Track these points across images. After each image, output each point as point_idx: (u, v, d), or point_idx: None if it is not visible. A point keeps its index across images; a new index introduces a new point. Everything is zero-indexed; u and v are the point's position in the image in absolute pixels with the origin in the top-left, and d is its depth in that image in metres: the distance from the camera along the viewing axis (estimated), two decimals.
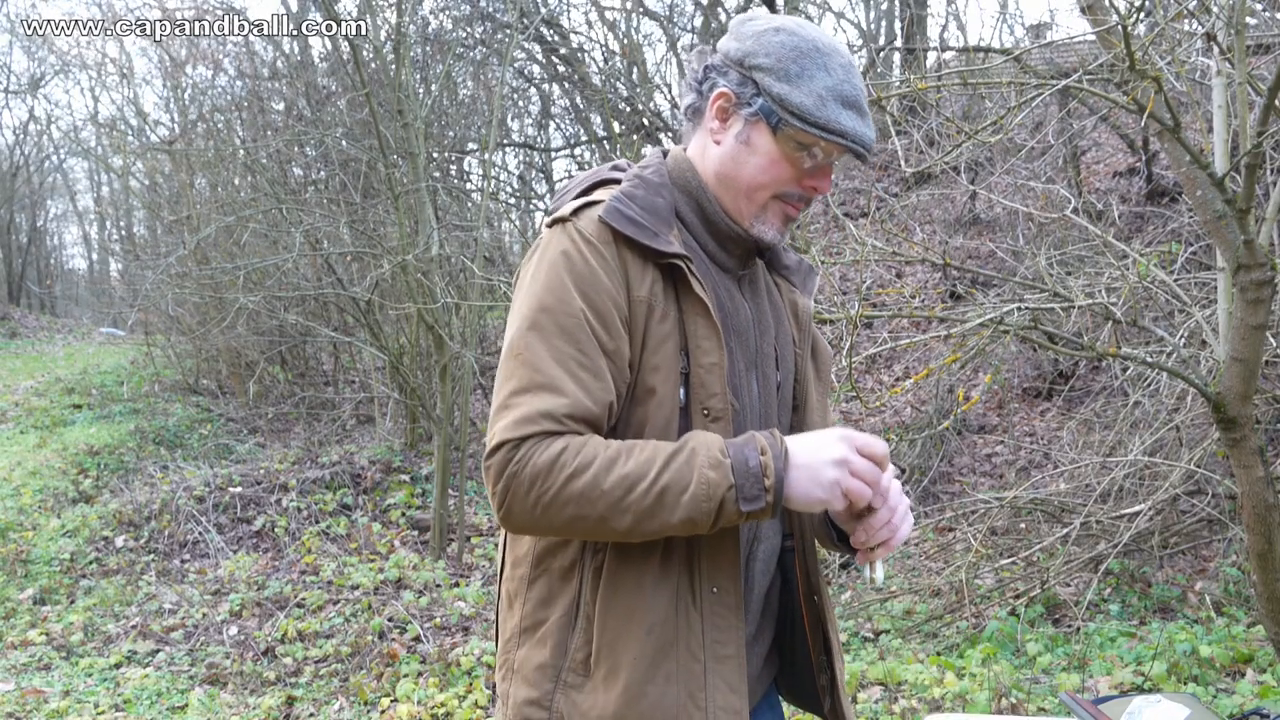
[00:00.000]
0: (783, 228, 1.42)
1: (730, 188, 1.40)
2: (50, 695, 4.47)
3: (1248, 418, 2.99)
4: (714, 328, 1.34)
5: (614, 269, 1.31)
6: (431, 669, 4.54)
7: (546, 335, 1.28)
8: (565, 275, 1.30)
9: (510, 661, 1.39)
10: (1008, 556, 5.01)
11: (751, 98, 1.36)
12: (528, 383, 1.27)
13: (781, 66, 1.34)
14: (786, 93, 1.33)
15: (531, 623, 1.37)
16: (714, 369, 1.34)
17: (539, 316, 1.29)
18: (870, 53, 11.23)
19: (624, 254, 1.32)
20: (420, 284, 6.38)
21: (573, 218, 1.34)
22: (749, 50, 1.36)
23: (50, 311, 25.05)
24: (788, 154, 1.36)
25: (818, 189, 1.40)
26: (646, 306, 1.32)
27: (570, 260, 1.30)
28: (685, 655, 1.33)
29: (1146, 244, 7.00)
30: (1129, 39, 2.60)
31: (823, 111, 1.32)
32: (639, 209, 1.35)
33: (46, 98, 31.65)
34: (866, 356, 5.12)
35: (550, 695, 1.34)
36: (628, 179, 1.41)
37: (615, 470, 1.23)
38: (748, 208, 1.40)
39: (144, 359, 12.49)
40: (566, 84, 11.78)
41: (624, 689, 1.30)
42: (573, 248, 1.31)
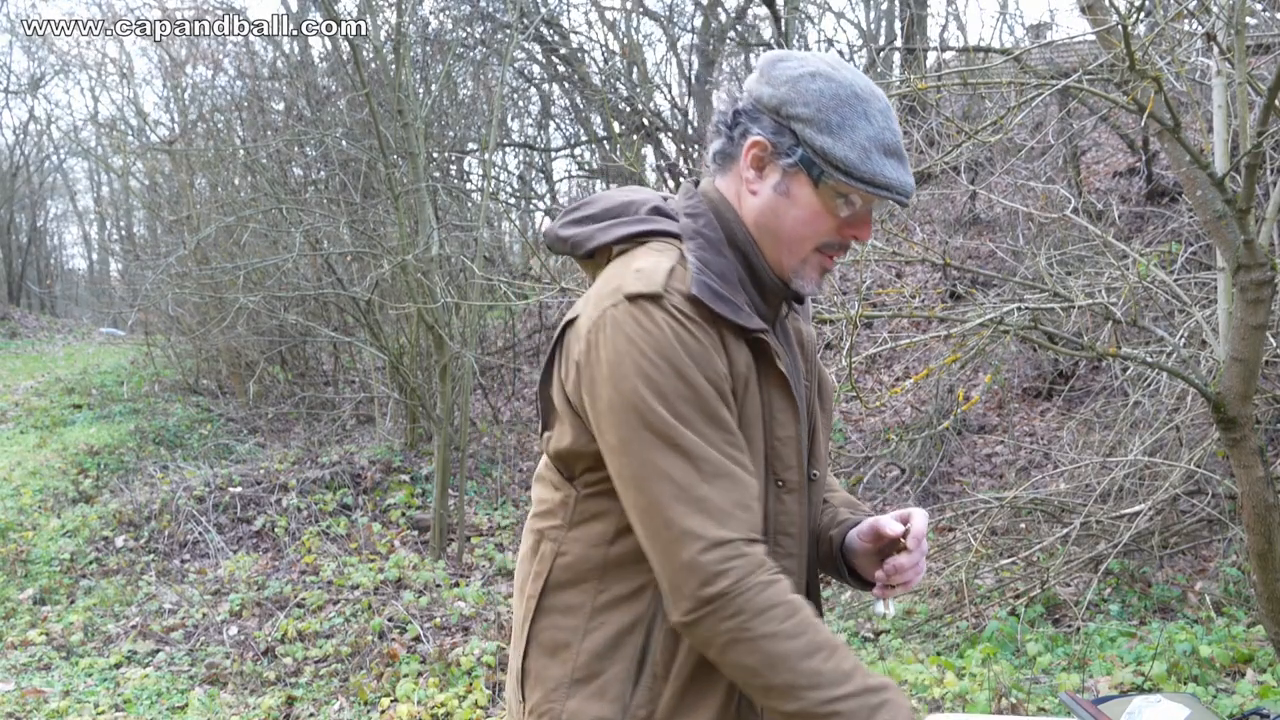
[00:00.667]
0: (820, 279, 1.39)
1: (771, 240, 1.36)
2: (50, 695, 4.47)
3: (1248, 418, 2.99)
4: (792, 402, 1.34)
5: (716, 349, 1.27)
6: (431, 669, 4.54)
7: (692, 422, 1.23)
8: (684, 358, 1.24)
9: (557, 713, 1.34)
10: (1008, 556, 5.01)
11: (790, 148, 1.31)
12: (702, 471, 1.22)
13: (822, 117, 1.28)
14: (829, 146, 1.28)
15: (587, 674, 1.32)
16: (789, 442, 1.34)
17: (677, 404, 1.23)
18: (870, 53, 11.23)
19: (723, 331, 1.28)
20: (420, 284, 6.38)
21: (665, 294, 1.26)
22: (785, 98, 1.30)
23: (50, 311, 25.04)
24: (829, 205, 1.32)
25: (859, 238, 1.36)
26: (744, 381, 1.30)
27: (684, 343, 1.24)
28: (749, 714, 1.35)
29: (1146, 244, 7.00)
30: (1129, 39, 2.60)
31: (868, 165, 1.28)
32: (719, 280, 1.30)
33: (46, 98, 31.68)
34: (866, 356, 5.13)
35: None
36: (689, 236, 1.34)
37: (812, 661, 1.21)
38: (789, 261, 1.36)
39: (144, 359, 12.49)
40: (566, 84, 11.78)
41: None
42: (680, 329, 1.24)
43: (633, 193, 1.43)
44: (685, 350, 1.24)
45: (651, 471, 1.22)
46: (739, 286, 1.33)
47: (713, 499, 1.22)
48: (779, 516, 1.35)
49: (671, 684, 1.30)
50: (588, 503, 1.34)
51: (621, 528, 1.31)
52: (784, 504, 1.35)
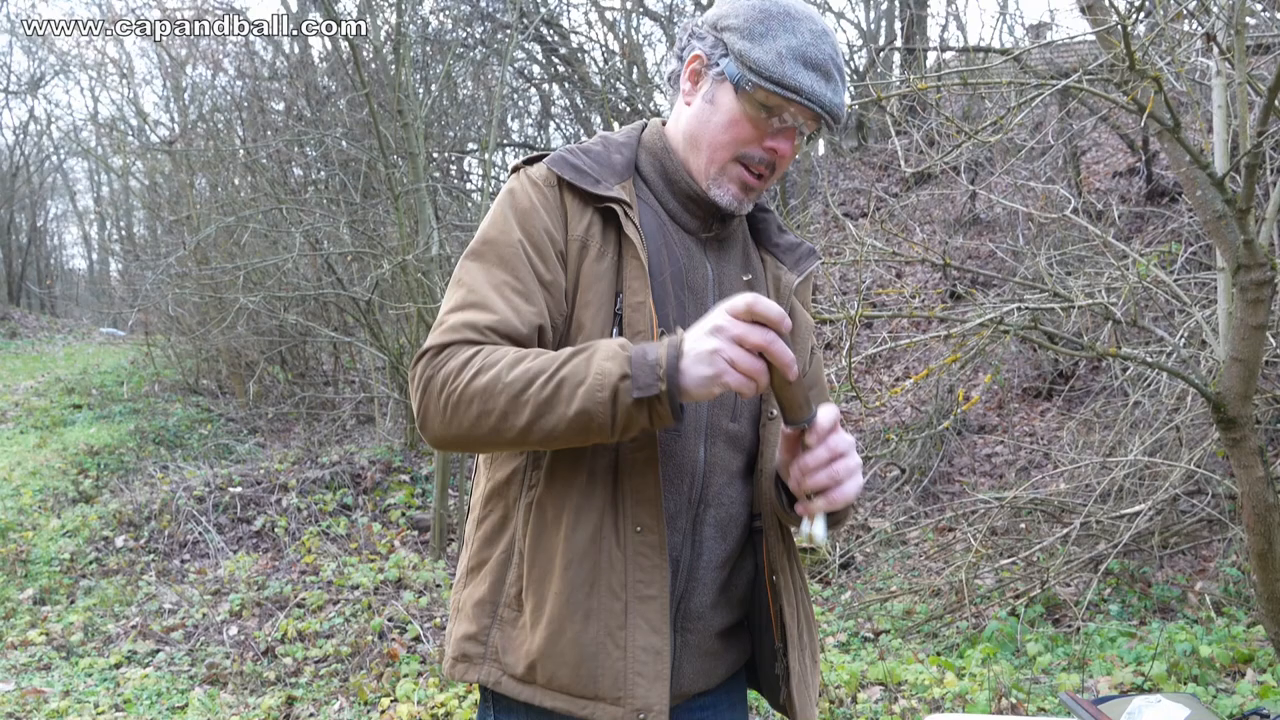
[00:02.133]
0: (740, 193, 1.42)
1: (694, 147, 1.42)
2: (50, 695, 4.47)
3: (1248, 418, 2.99)
4: (642, 268, 1.36)
5: (554, 207, 1.38)
6: (431, 669, 4.54)
7: (485, 263, 1.36)
8: (508, 210, 1.38)
9: (457, 601, 1.44)
10: (1008, 556, 5.01)
11: (720, 58, 1.38)
12: (460, 302, 1.34)
13: (748, 26, 1.35)
14: (747, 49, 1.34)
15: (476, 562, 1.42)
16: (640, 307, 1.35)
17: (480, 247, 1.38)
18: (870, 53, 11.23)
19: (565, 196, 1.39)
20: (420, 284, 6.38)
21: (525, 165, 1.43)
22: (722, 13, 1.39)
23: (50, 311, 25.06)
24: (750, 114, 1.37)
25: (778, 150, 1.39)
26: (580, 244, 1.37)
27: (514, 197, 1.39)
28: (606, 593, 1.33)
29: (1146, 244, 7.00)
30: (1129, 39, 2.60)
31: (780, 68, 1.33)
32: (588, 160, 1.41)
33: (46, 98, 31.69)
34: (866, 356, 5.12)
35: (487, 630, 1.38)
36: (594, 138, 1.49)
37: (519, 366, 1.24)
38: (708, 167, 1.41)
39: (144, 359, 12.49)
40: (566, 84, 11.78)
41: (547, 625, 1.32)
42: (519, 188, 1.40)
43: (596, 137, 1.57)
44: (511, 203, 1.39)
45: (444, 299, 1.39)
46: (621, 174, 1.42)
47: (449, 320, 1.33)
48: None
49: (529, 559, 1.35)
50: None
51: None
52: None
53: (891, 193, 9.89)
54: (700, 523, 1.42)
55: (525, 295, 1.33)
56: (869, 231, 6.17)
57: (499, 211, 1.40)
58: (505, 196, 1.41)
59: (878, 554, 5.78)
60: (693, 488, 1.40)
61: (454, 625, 1.43)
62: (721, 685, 1.54)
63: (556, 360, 1.24)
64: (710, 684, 1.50)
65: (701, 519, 1.42)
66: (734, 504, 1.45)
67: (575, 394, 1.21)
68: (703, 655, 1.46)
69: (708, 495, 1.42)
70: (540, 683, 1.34)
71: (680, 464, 1.39)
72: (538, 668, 1.33)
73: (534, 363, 1.24)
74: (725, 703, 1.56)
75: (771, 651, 1.50)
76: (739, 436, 1.45)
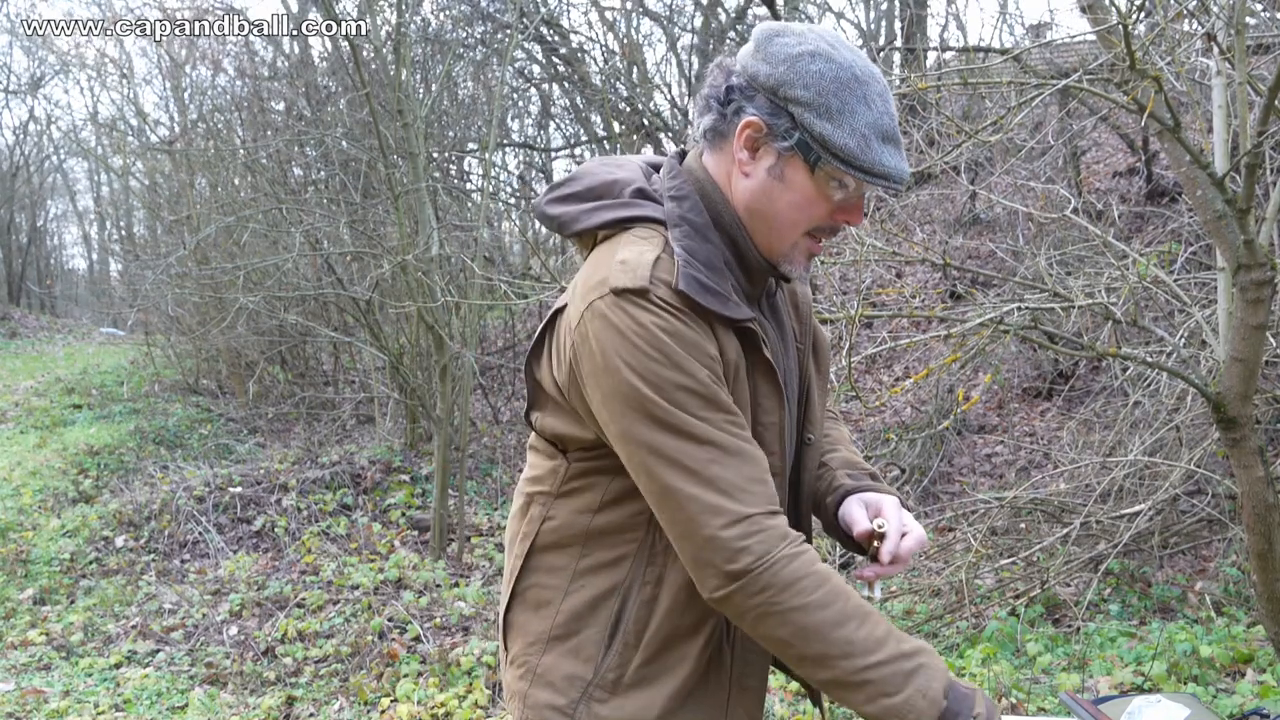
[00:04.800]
0: (807, 264, 1.38)
1: (762, 224, 1.34)
2: (50, 695, 4.47)
3: (1248, 418, 2.99)
4: (777, 389, 1.34)
5: (707, 336, 1.27)
6: (431, 669, 4.54)
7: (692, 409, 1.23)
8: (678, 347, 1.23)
9: (533, 665, 1.39)
10: (1008, 556, 5.00)
11: (787, 131, 1.27)
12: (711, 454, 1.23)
13: (822, 101, 1.25)
14: (829, 133, 1.25)
15: (564, 632, 1.38)
16: (773, 428, 1.35)
17: (676, 394, 1.23)
18: (870, 53, 11.22)
19: (712, 322, 1.28)
20: (420, 284, 6.38)
21: (651, 287, 1.25)
22: (783, 79, 1.26)
23: (50, 311, 25.05)
24: (823, 191, 1.30)
25: (850, 221, 1.35)
26: (734, 367, 1.30)
27: (678, 334, 1.24)
28: (714, 684, 1.38)
29: (1146, 244, 7.00)
30: (1129, 39, 2.60)
31: (868, 155, 1.25)
32: (705, 270, 1.28)
33: (46, 98, 31.68)
34: (866, 356, 5.12)
35: (575, 705, 1.36)
36: (673, 223, 1.32)
37: (843, 630, 1.21)
38: (779, 245, 1.35)
39: (144, 359, 12.49)
40: (566, 84, 11.77)
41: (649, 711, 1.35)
42: (673, 320, 1.24)
43: (616, 169, 1.42)
44: (676, 339, 1.24)
45: (660, 458, 1.23)
46: (724, 271, 1.31)
47: (725, 476, 1.22)
48: None
49: (642, 652, 1.34)
50: (578, 475, 1.37)
51: (608, 499, 1.35)
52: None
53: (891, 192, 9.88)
54: None
55: (742, 425, 1.27)
56: (869, 231, 6.17)
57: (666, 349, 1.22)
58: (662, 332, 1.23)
59: None
60: None
61: (532, 687, 1.39)
62: None
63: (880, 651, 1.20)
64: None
65: None
66: None
67: (877, 701, 1.20)
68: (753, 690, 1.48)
69: None
70: None
71: None
72: None
73: (859, 634, 1.21)
74: None
75: None
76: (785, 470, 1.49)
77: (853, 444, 1.62)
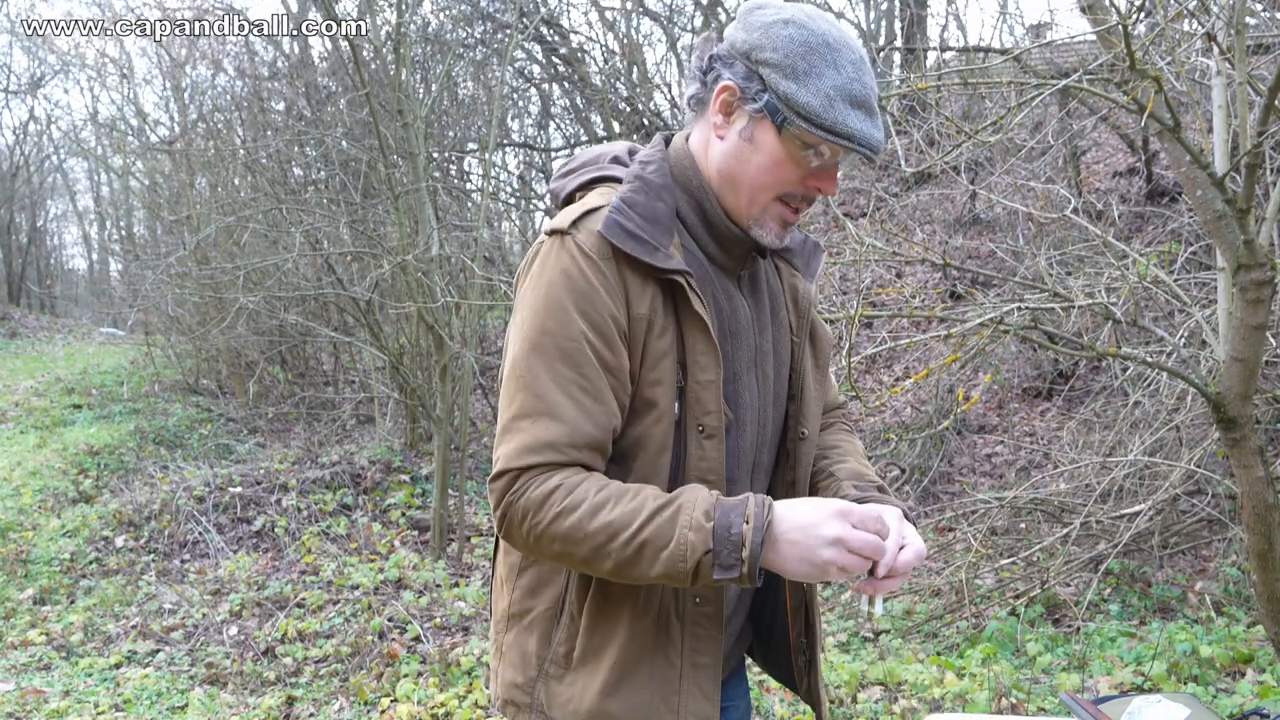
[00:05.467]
0: (781, 231, 1.38)
1: (733, 187, 1.36)
2: (50, 695, 4.47)
3: (1248, 418, 2.99)
4: (712, 345, 1.33)
5: (614, 286, 1.29)
6: (431, 669, 4.54)
7: (548, 358, 1.27)
8: (565, 296, 1.27)
9: (500, 643, 1.45)
10: (1008, 556, 5.01)
11: (757, 93, 1.30)
12: (529, 408, 1.27)
13: (789, 63, 1.27)
14: (793, 91, 1.27)
15: (519, 610, 1.42)
16: (710, 385, 1.33)
17: (541, 339, 1.28)
18: (870, 53, 11.21)
19: (624, 270, 1.30)
20: (420, 284, 6.38)
21: (572, 230, 1.30)
22: (756, 43, 1.30)
23: (50, 311, 25.06)
24: (792, 153, 1.31)
25: (822, 189, 1.35)
26: (646, 323, 1.30)
27: (570, 279, 1.28)
28: (663, 661, 1.37)
29: (1146, 244, 7.00)
30: (1129, 39, 2.60)
31: (830, 113, 1.27)
32: (639, 219, 1.31)
33: (46, 98, 31.68)
34: (866, 356, 5.12)
35: (533, 683, 1.40)
36: (628, 180, 1.37)
37: (600, 516, 1.23)
38: (749, 208, 1.36)
39: (144, 359, 12.49)
40: (566, 84, 11.77)
41: (600, 686, 1.35)
42: (573, 265, 1.28)
43: (610, 145, 1.49)
44: (569, 285, 1.27)
45: (504, 392, 1.31)
46: (669, 229, 1.33)
47: (522, 432, 1.27)
48: (699, 462, 1.34)
49: (584, 626, 1.37)
50: None
51: None
52: (704, 449, 1.34)
53: (891, 192, 9.89)
54: None
55: (594, 394, 1.27)
56: (869, 231, 6.17)
57: (554, 297, 1.28)
58: (559, 278, 1.28)
59: None
60: None
61: (500, 666, 1.44)
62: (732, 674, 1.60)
63: (639, 516, 1.22)
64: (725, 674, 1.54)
65: None
66: None
67: (657, 558, 1.22)
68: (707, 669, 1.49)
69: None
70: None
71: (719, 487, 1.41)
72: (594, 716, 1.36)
73: (615, 514, 1.23)
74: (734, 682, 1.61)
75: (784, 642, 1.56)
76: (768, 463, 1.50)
77: (863, 454, 1.62)
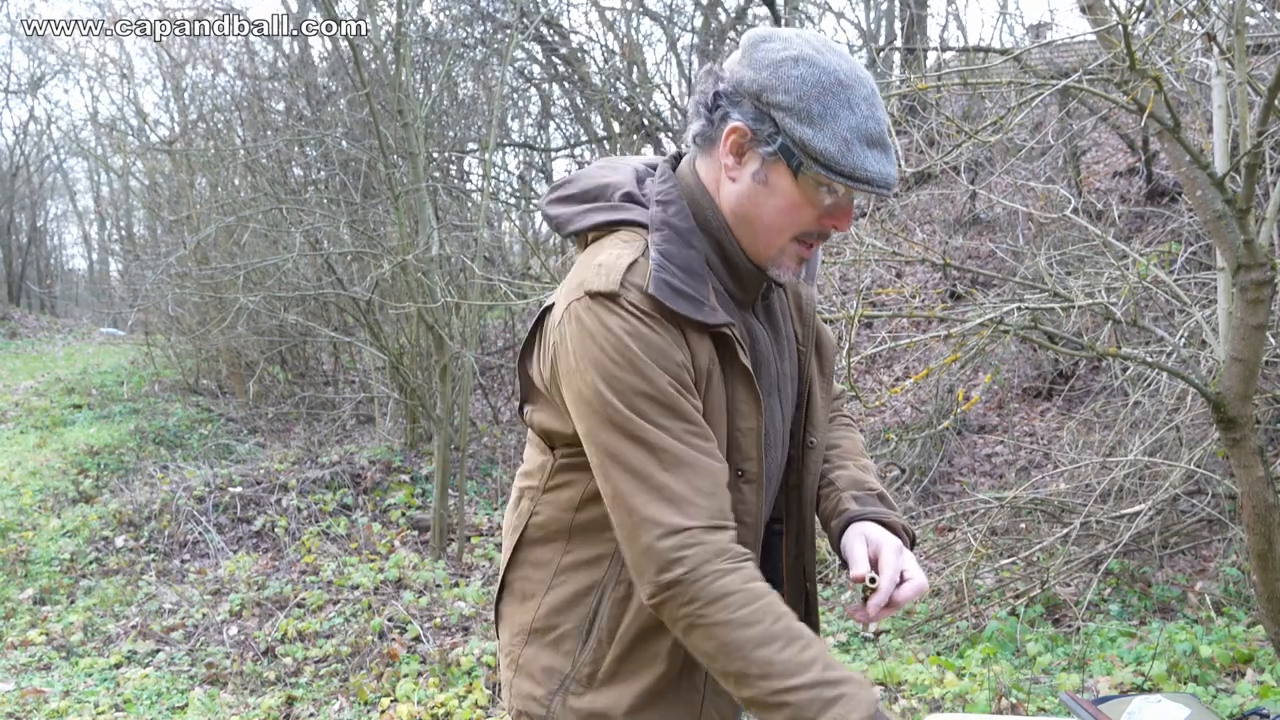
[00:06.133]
0: (798, 268, 1.38)
1: (748, 229, 1.35)
2: (50, 695, 4.47)
3: (1248, 418, 2.99)
4: (754, 395, 1.34)
5: (676, 343, 1.27)
6: (431, 669, 4.54)
7: (651, 415, 1.25)
8: (640, 352, 1.25)
9: (516, 655, 1.45)
10: (1008, 556, 5.01)
11: (770, 136, 1.27)
12: (658, 461, 1.24)
13: (803, 106, 1.24)
14: (810, 137, 1.24)
15: (543, 625, 1.42)
16: (750, 434, 1.35)
17: (634, 399, 1.24)
18: (870, 53, 11.22)
19: (683, 327, 1.29)
20: (420, 284, 6.38)
21: (622, 290, 1.27)
22: (766, 84, 1.26)
23: (50, 311, 25.05)
24: (808, 195, 1.29)
25: (838, 227, 1.34)
26: (707, 374, 1.31)
27: (640, 337, 1.25)
28: (688, 685, 1.39)
29: (1146, 244, 7.00)
30: (1129, 39, 2.60)
31: (849, 159, 1.24)
32: (681, 274, 1.29)
33: (46, 98, 31.69)
34: (866, 356, 5.12)
35: (552, 696, 1.40)
36: (656, 227, 1.33)
37: (765, 650, 1.21)
38: (766, 250, 1.35)
39: (144, 359, 12.49)
40: (566, 84, 11.77)
41: (626, 708, 1.37)
42: (637, 324, 1.26)
43: (611, 171, 1.44)
44: (641, 345, 1.25)
45: (613, 462, 1.26)
46: (704, 277, 1.31)
47: (671, 486, 1.24)
48: (739, 505, 1.36)
49: (614, 648, 1.37)
50: (562, 470, 1.41)
51: (588, 496, 1.37)
52: (742, 494, 1.36)
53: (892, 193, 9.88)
54: None
55: (703, 434, 1.27)
56: (869, 231, 6.17)
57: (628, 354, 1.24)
58: (623, 336, 1.24)
59: None
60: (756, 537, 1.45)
61: (516, 677, 1.44)
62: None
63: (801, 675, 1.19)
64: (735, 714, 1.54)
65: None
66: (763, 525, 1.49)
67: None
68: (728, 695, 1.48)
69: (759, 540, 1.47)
70: None
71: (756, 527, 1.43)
72: None
73: (781, 656, 1.20)
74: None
75: None
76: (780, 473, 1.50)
77: (864, 453, 1.60)
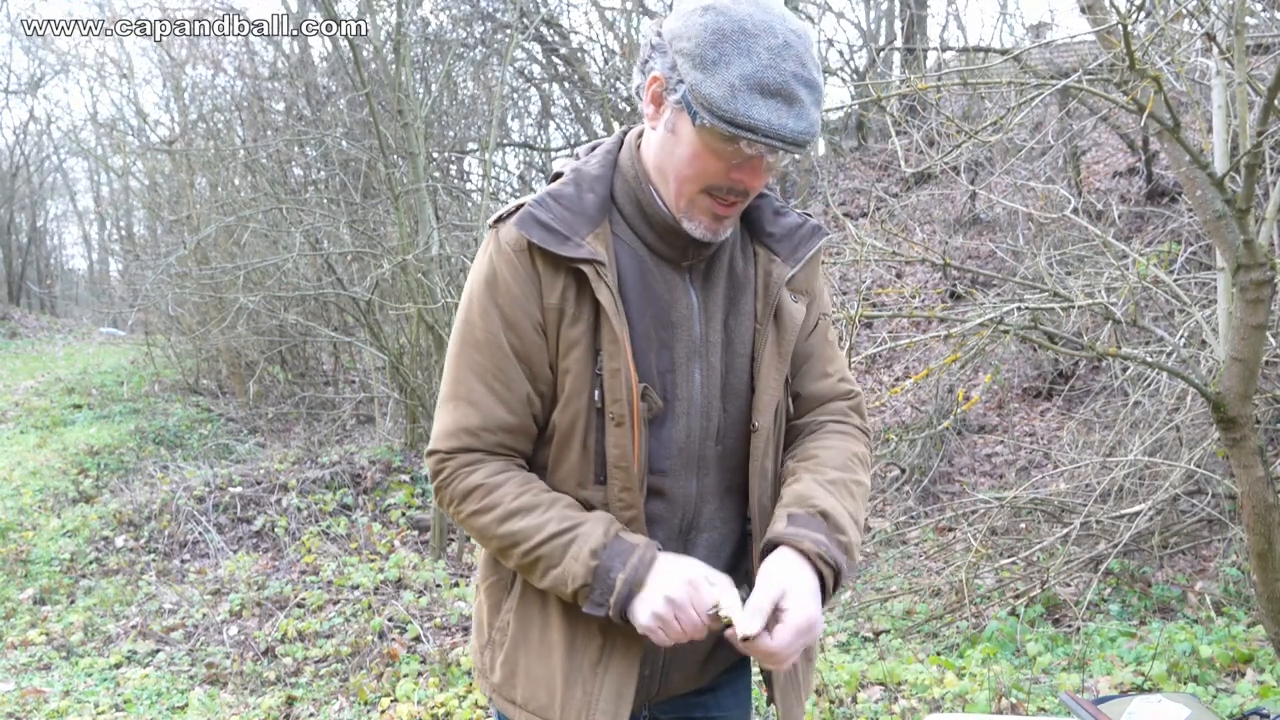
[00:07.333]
0: (712, 224, 1.34)
1: (663, 179, 1.35)
2: (50, 695, 4.47)
3: (1248, 418, 2.99)
4: (615, 337, 1.32)
5: (526, 278, 1.34)
6: (431, 669, 4.54)
7: (468, 347, 1.38)
8: (484, 289, 1.36)
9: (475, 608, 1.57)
10: (1008, 556, 5.01)
11: (676, 84, 1.26)
12: (452, 392, 1.40)
13: (699, 52, 1.22)
14: (699, 81, 1.22)
15: (481, 578, 1.53)
16: (617, 374, 1.33)
17: (464, 329, 1.39)
18: (870, 53, 11.22)
19: (537, 261, 1.34)
20: (420, 284, 6.38)
21: (499, 225, 1.38)
22: (676, 29, 1.26)
23: (50, 311, 25.06)
24: (711, 146, 1.25)
25: (745, 183, 1.29)
26: (558, 312, 1.34)
27: (489, 273, 1.36)
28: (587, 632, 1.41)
29: (1146, 244, 7.00)
30: (1129, 39, 2.60)
31: (732, 103, 1.19)
32: (560, 210, 1.34)
33: (46, 98, 31.70)
34: (866, 356, 5.12)
35: (484, 648, 1.50)
36: (567, 173, 1.41)
37: (508, 524, 1.35)
38: (676, 201, 1.33)
39: (144, 359, 12.49)
40: (566, 84, 11.78)
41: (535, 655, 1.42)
42: (494, 261, 1.36)
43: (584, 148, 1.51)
44: (487, 279, 1.36)
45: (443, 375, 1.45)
46: (594, 220, 1.35)
47: (445, 415, 1.41)
48: (610, 449, 1.35)
49: (516, 598, 1.45)
50: None
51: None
52: (614, 436, 1.35)
53: (891, 193, 9.89)
54: (692, 546, 1.44)
55: (506, 382, 1.37)
56: (869, 231, 6.17)
57: (475, 289, 1.38)
58: (482, 270, 1.38)
59: (878, 554, 5.78)
60: (684, 519, 1.43)
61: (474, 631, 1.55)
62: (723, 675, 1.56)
63: (540, 533, 1.33)
64: (703, 683, 1.54)
65: (693, 543, 1.44)
66: (727, 523, 1.47)
67: (547, 574, 1.34)
68: (694, 663, 1.49)
69: (699, 522, 1.44)
70: (519, 703, 1.43)
71: (672, 499, 1.41)
72: (518, 689, 1.43)
73: (521, 524, 1.34)
74: (727, 690, 1.58)
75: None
76: (729, 454, 1.44)
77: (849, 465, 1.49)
